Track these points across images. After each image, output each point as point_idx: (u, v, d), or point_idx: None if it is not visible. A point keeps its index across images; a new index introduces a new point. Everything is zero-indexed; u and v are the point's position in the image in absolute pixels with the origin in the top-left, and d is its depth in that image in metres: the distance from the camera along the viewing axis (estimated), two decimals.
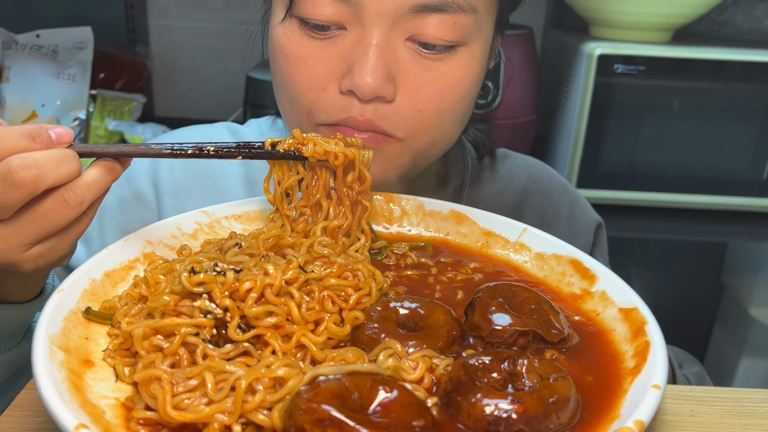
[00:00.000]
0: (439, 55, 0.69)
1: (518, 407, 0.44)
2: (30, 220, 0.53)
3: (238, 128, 0.95)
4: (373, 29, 0.67)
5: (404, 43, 0.69)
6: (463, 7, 0.68)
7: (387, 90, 0.68)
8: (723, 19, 1.87)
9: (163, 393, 0.44)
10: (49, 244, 0.55)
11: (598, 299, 0.61)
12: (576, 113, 1.51)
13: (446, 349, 0.52)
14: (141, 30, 1.98)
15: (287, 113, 0.76)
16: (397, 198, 0.74)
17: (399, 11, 0.66)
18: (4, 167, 0.50)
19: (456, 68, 0.71)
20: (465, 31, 0.69)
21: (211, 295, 0.50)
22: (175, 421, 0.44)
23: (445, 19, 0.67)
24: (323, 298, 0.54)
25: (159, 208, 0.86)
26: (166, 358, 0.48)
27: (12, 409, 0.53)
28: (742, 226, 1.59)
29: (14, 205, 0.51)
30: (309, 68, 0.70)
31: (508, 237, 0.70)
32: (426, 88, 0.70)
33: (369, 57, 0.66)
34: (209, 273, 0.50)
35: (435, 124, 0.73)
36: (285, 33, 0.71)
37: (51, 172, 0.51)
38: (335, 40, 0.69)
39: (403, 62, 0.69)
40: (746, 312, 1.90)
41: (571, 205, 0.97)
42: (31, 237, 0.53)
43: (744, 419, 0.56)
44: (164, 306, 0.50)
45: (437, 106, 0.71)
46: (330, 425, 0.41)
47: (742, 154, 1.54)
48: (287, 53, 0.70)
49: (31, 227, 0.53)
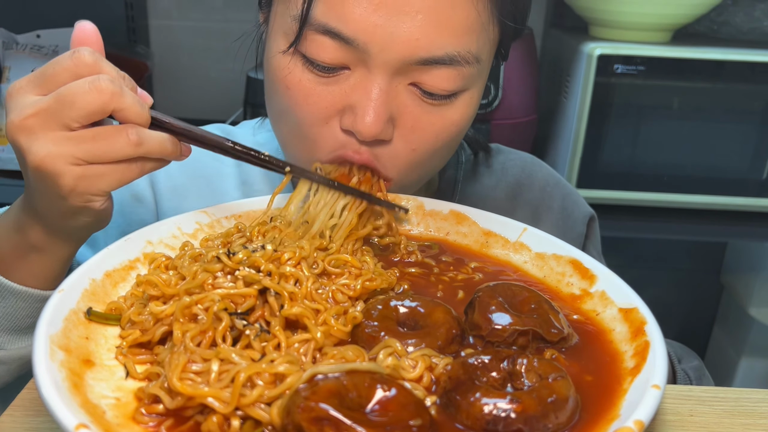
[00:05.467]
0: (441, 101, 0.69)
1: (517, 407, 0.44)
2: (90, 137, 0.56)
3: (231, 130, 0.96)
4: (377, 75, 0.66)
5: (406, 87, 0.68)
6: (469, 60, 0.67)
7: (386, 133, 0.68)
8: (723, 19, 1.87)
9: (177, 363, 0.46)
10: (94, 169, 0.57)
11: (597, 299, 0.61)
12: (576, 113, 1.51)
13: (446, 348, 0.53)
14: (141, 30, 1.98)
15: (283, 136, 0.76)
16: (397, 198, 0.75)
17: (405, 62, 0.66)
18: (96, 76, 0.55)
19: (455, 112, 0.71)
20: (468, 79, 0.69)
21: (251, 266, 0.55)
22: (175, 390, 0.45)
23: (450, 71, 0.67)
24: (332, 291, 0.56)
25: (157, 208, 0.86)
26: (195, 336, 0.50)
27: (12, 409, 0.53)
28: (742, 226, 1.59)
29: (87, 114, 0.55)
30: (311, 104, 0.69)
31: (508, 237, 0.70)
32: (423, 130, 0.70)
33: (372, 101, 0.66)
34: (248, 249, 0.56)
35: (425, 162, 0.73)
36: (287, 65, 0.69)
37: (128, 99, 0.56)
38: (338, 78, 0.68)
39: (404, 105, 0.69)
40: (746, 312, 1.90)
41: (564, 198, 0.97)
42: (83, 152, 0.55)
43: (744, 419, 0.56)
44: (202, 283, 0.53)
45: (432, 146, 0.71)
46: (327, 424, 0.41)
47: (742, 154, 1.54)
48: (288, 86, 0.70)
49: (88, 144, 0.56)
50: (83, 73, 0.55)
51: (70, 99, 0.54)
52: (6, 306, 0.66)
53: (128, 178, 0.59)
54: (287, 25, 0.68)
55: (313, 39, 0.66)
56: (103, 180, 0.57)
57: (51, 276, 0.68)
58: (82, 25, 0.60)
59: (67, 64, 0.55)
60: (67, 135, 0.55)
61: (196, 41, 2.01)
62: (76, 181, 0.56)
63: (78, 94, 0.54)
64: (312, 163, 0.73)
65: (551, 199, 0.96)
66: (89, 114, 0.55)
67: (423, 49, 0.65)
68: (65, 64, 0.55)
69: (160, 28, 2.01)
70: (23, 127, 0.55)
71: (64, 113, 0.54)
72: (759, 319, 1.87)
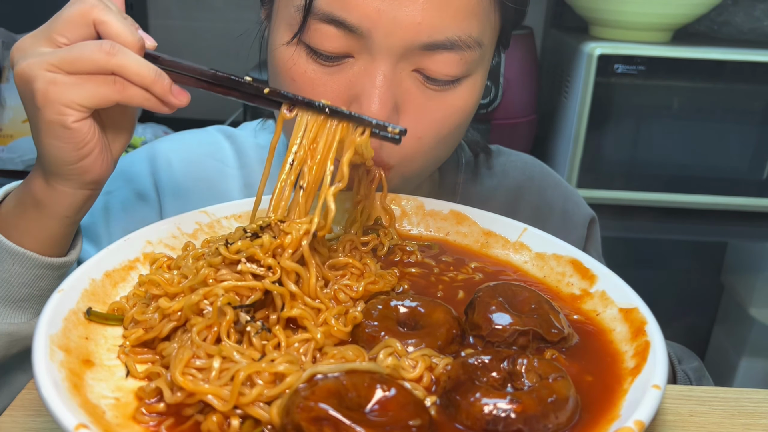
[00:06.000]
0: (444, 87, 0.70)
1: (517, 407, 0.44)
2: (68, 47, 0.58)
3: (232, 132, 0.96)
4: (381, 62, 0.67)
5: (410, 73, 0.69)
6: (470, 45, 0.68)
7: (392, 120, 0.69)
8: (723, 19, 1.87)
9: (181, 358, 0.46)
10: (67, 78, 0.57)
11: (598, 299, 0.61)
12: (576, 113, 1.51)
13: (446, 348, 0.53)
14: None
15: (290, 127, 0.76)
16: (397, 198, 0.75)
17: (409, 48, 0.66)
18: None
19: (458, 98, 0.71)
20: (470, 65, 0.70)
21: (251, 258, 0.54)
22: (177, 384, 0.45)
23: (453, 56, 0.67)
24: (335, 291, 0.57)
25: (161, 208, 0.87)
26: (202, 331, 0.50)
27: (12, 409, 0.53)
28: (742, 226, 1.59)
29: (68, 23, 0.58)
30: (316, 94, 0.69)
31: (508, 237, 0.70)
32: (427, 117, 0.70)
33: (377, 89, 0.67)
34: (246, 239, 0.55)
35: (430, 150, 0.74)
36: (291, 57, 0.70)
37: (111, 15, 0.59)
38: (342, 67, 0.69)
39: (408, 92, 0.69)
40: (746, 312, 1.90)
41: (565, 200, 0.97)
42: (57, 58, 0.57)
43: (744, 419, 0.56)
44: (205, 278, 0.53)
45: (436, 133, 0.72)
46: (326, 424, 0.41)
47: (742, 154, 1.54)
48: (293, 78, 0.70)
49: (64, 51, 0.57)
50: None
51: (57, 15, 0.59)
52: (2, 270, 0.66)
53: (102, 93, 0.58)
54: (291, 16, 0.69)
55: (317, 28, 0.67)
56: (74, 89, 0.57)
57: (48, 237, 0.66)
58: None
59: None
60: (50, 48, 0.58)
61: (195, 41, 2.00)
62: (47, 85, 0.57)
63: (65, 9, 0.59)
64: None
65: (552, 201, 0.96)
66: (69, 23, 0.58)
67: (425, 33, 0.65)
68: None
69: (160, 28, 2.01)
70: (18, 47, 0.60)
71: (51, 28, 0.59)
72: (759, 319, 1.87)
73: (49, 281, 0.68)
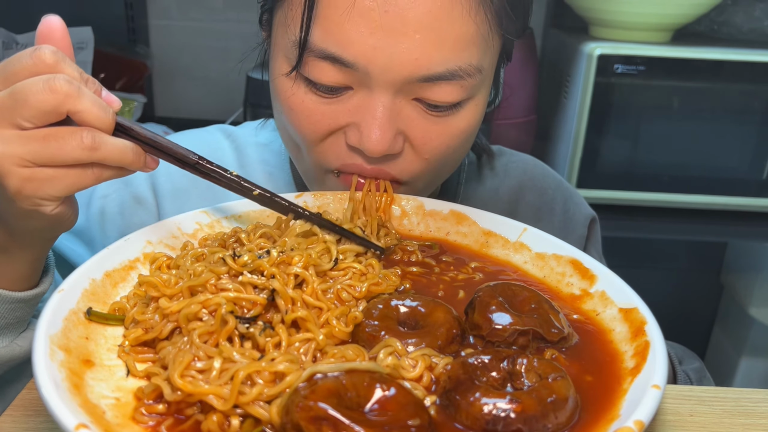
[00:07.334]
0: (446, 112, 0.69)
1: (516, 407, 0.44)
2: (41, 137, 0.52)
3: (233, 131, 0.95)
4: (380, 94, 0.66)
5: (410, 102, 0.68)
6: (471, 73, 0.67)
7: (395, 147, 0.69)
8: (723, 19, 1.87)
9: (181, 360, 0.46)
10: (43, 172, 0.53)
11: (597, 299, 0.61)
12: (576, 113, 1.51)
13: (446, 348, 0.53)
14: (141, 30, 1.98)
15: (291, 147, 0.77)
16: (397, 198, 0.75)
17: (407, 81, 0.66)
18: (53, 75, 0.52)
19: (462, 120, 0.71)
20: (471, 89, 0.69)
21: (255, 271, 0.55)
22: (176, 387, 0.45)
23: (452, 85, 0.67)
24: (337, 290, 0.57)
25: (158, 211, 0.86)
26: (203, 335, 0.50)
27: (12, 409, 0.53)
28: (742, 226, 1.59)
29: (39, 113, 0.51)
30: (314, 123, 0.69)
31: (508, 237, 0.70)
32: (433, 141, 0.71)
33: (377, 120, 0.66)
34: (254, 254, 0.56)
35: (438, 168, 0.75)
36: (290, 88, 0.69)
37: (85, 101, 0.53)
38: (342, 98, 0.68)
39: (410, 119, 0.69)
40: (746, 312, 1.90)
41: (566, 200, 0.98)
42: (31, 153, 0.52)
43: (744, 419, 0.56)
44: (205, 282, 0.53)
45: (443, 154, 0.72)
46: (326, 423, 0.41)
47: (742, 154, 1.54)
48: (292, 107, 0.70)
49: (37, 144, 0.52)
50: (42, 72, 0.52)
51: (23, 97, 0.51)
52: None
53: (81, 184, 0.55)
54: (288, 49, 0.68)
55: (314, 64, 0.66)
56: (51, 184, 0.54)
57: (18, 277, 0.65)
58: (48, 20, 0.56)
59: (26, 61, 0.53)
60: (17, 134, 0.52)
61: (196, 41, 2.00)
62: (22, 182, 0.53)
63: (31, 92, 0.51)
64: (320, 171, 0.74)
65: (553, 201, 0.96)
66: (41, 114, 0.52)
67: (423, 67, 0.65)
68: (25, 61, 0.53)
69: (160, 28, 2.01)
70: None
71: (17, 111, 0.52)
72: (759, 319, 1.87)
73: (24, 311, 0.66)
